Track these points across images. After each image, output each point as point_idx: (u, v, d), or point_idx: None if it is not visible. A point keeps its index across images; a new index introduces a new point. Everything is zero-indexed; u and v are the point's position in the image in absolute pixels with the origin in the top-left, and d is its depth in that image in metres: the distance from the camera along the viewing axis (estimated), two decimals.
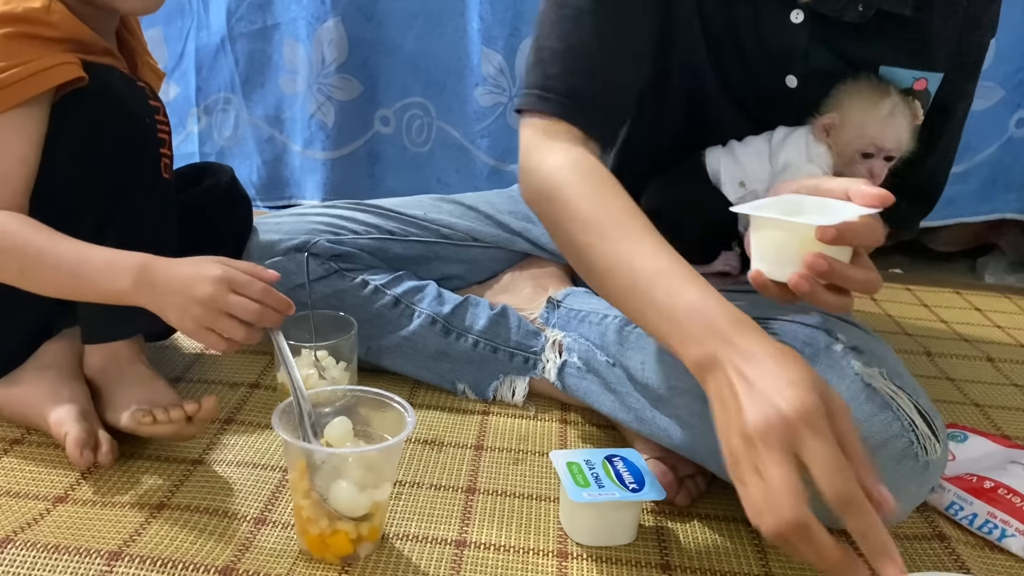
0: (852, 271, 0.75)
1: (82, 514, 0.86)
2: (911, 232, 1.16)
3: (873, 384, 0.83)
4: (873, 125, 0.98)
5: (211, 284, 0.82)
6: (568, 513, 0.89)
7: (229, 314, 0.82)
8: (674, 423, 0.94)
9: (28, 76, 0.90)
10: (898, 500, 0.79)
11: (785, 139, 1.04)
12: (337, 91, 1.91)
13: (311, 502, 0.80)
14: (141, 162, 0.98)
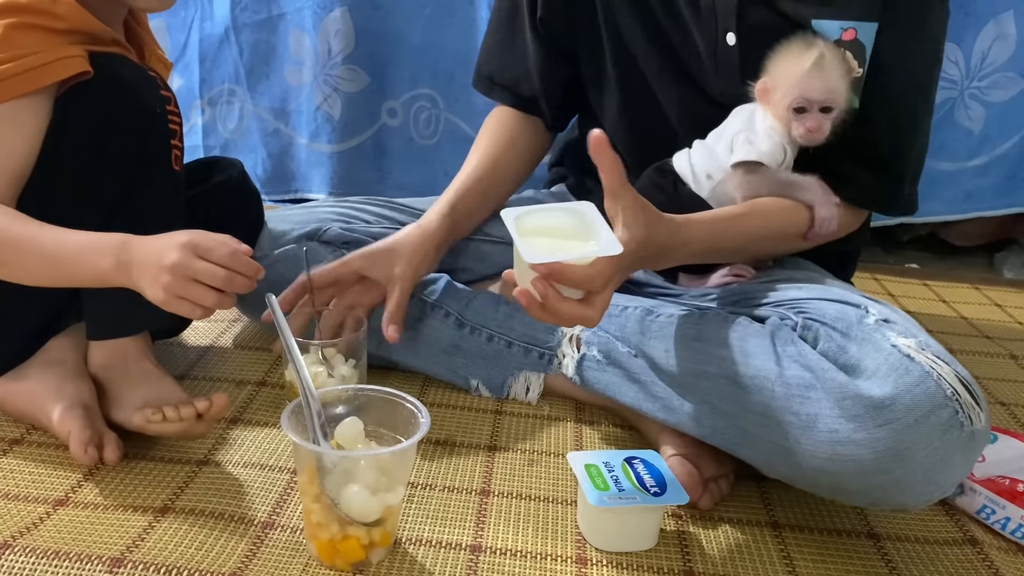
0: (561, 305, 0.79)
1: (83, 518, 0.83)
2: (893, 212, 1.10)
3: (912, 355, 0.80)
4: (798, 77, 0.98)
5: (176, 250, 0.81)
6: (587, 518, 0.86)
7: (198, 280, 0.81)
8: (704, 409, 0.91)
9: (28, 70, 0.87)
10: (945, 473, 0.77)
11: (735, 114, 1.04)
12: (344, 82, 1.88)
13: (321, 506, 0.77)
14: (151, 154, 0.95)
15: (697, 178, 1.06)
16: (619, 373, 1.01)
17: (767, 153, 1.00)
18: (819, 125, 0.98)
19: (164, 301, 0.82)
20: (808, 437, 0.80)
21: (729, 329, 0.89)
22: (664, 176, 1.08)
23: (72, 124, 0.91)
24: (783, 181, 1.02)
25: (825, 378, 0.80)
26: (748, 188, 1.02)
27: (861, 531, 0.92)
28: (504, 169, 1.21)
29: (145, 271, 0.82)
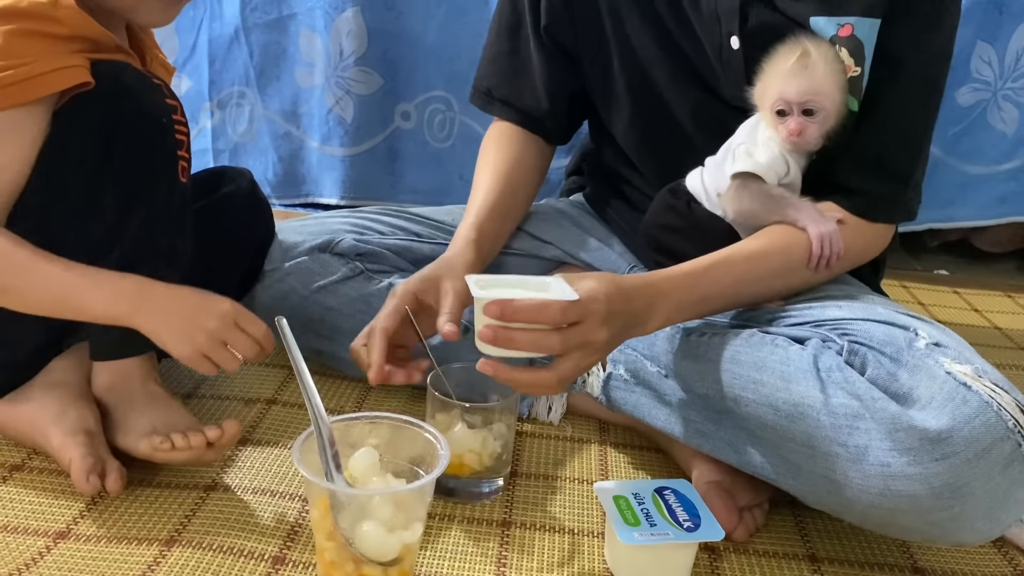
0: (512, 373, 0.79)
1: (84, 552, 0.78)
2: (895, 218, 1.01)
3: (968, 383, 0.75)
4: (777, 79, 0.93)
5: (219, 317, 0.85)
6: (616, 554, 0.81)
7: (226, 346, 0.85)
8: (741, 436, 0.86)
9: (26, 79, 0.82)
10: (1006, 509, 0.72)
11: (743, 126, 0.99)
12: (356, 84, 1.83)
13: (335, 544, 0.72)
14: (157, 165, 0.91)
15: (710, 197, 1.01)
16: (648, 394, 0.96)
17: (765, 165, 0.94)
18: (800, 128, 0.92)
19: (188, 356, 0.84)
20: (857, 470, 0.75)
21: (768, 351, 0.84)
22: (677, 197, 1.04)
23: (74, 136, 0.86)
24: (775, 197, 0.95)
25: (875, 408, 0.75)
26: (738, 203, 0.97)
27: (904, 565, 0.87)
28: (516, 190, 1.16)
29: (176, 324, 0.84)
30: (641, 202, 1.15)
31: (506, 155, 1.16)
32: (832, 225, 0.94)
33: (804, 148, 0.95)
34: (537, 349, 0.77)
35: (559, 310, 0.76)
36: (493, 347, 0.77)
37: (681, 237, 1.03)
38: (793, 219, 0.95)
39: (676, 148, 1.08)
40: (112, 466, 0.86)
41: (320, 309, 1.09)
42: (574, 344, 0.77)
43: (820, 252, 0.93)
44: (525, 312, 0.75)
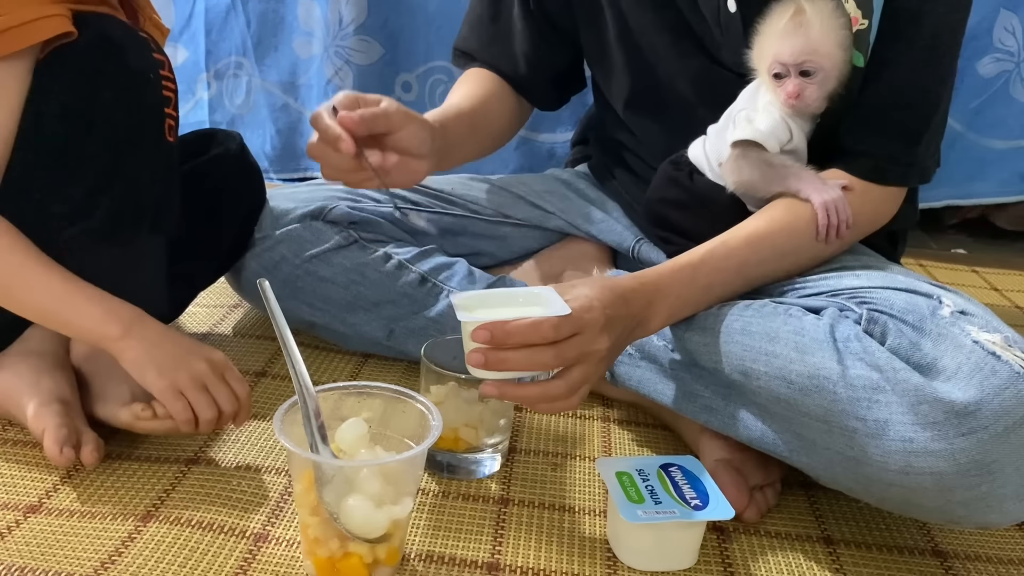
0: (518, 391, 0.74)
1: (56, 527, 0.74)
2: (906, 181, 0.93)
3: (997, 352, 0.70)
4: (771, 40, 0.88)
5: (208, 363, 0.82)
6: (619, 533, 0.77)
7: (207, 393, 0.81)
8: (752, 411, 0.81)
9: (5, 30, 0.78)
10: None
11: (744, 92, 0.94)
12: (356, 54, 1.78)
13: (319, 520, 0.68)
14: (142, 122, 0.86)
15: (712, 167, 0.96)
16: (654, 369, 0.91)
17: (765, 132, 0.89)
18: (798, 90, 0.87)
19: (163, 389, 0.80)
20: (877, 446, 0.70)
21: (781, 321, 0.79)
22: (679, 169, 0.99)
23: (55, 89, 0.82)
24: (775, 166, 0.90)
25: (897, 379, 0.70)
26: (737, 173, 0.92)
27: (925, 548, 0.82)
28: (487, 116, 1.10)
29: (157, 357, 0.80)
30: (645, 173, 1.10)
31: (481, 85, 1.11)
32: (837, 192, 0.88)
33: (805, 111, 0.90)
34: (532, 368, 0.72)
35: (552, 328, 0.71)
36: (485, 371, 0.72)
37: (684, 211, 0.99)
38: (795, 189, 0.89)
39: (678, 117, 1.03)
40: (88, 437, 0.82)
41: (312, 279, 1.05)
42: (572, 356, 0.73)
43: (827, 221, 0.87)
44: (517, 335, 0.71)
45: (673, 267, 0.84)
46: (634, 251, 1.12)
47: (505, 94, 1.14)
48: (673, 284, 0.82)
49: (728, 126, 0.95)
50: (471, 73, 1.16)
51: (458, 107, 1.05)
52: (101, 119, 0.83)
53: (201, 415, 0.80)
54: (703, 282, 0.84)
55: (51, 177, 0.83)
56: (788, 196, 0.90)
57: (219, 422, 0.82)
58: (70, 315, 0.81)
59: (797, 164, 0.91)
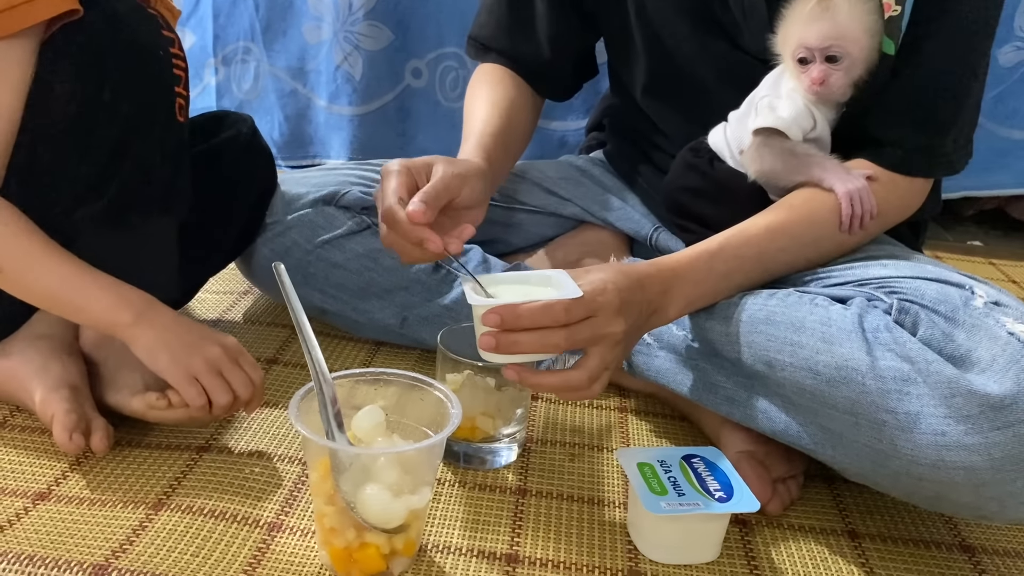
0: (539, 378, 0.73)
1: (66, 515, 0.73)
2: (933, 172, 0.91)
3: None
4: (797, 24, 0.86)
5: (221, 348, 0.80)
6: (641, 525, 0.75)
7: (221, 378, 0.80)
8: (775, 403, 0.79)
9: (7, 8, 0.76)
10: None
11: (767, 78, 0.92)
12: (365, 40, 1.76)
13: (336, 509, 0.66)
14: (152, 102, 0.84)
15: (733, 155, 0.94)
16: (673, 359, 0.89)
17: (788, 119, 0.87)
18: (823, 76, 0.85)
19: (178, 376, 0.78)
20: (908, 440, 0.68)
21: (806, 311, 0.77)
22: (699, 156, 0.97)
23: (61, 69, 0.80)
24: (798, 155, 0.88)
25: (929, 371, 0.68)
26: (759, 162, 0.90)
27: (952, 543, 0.80)
28: (515, 127, 1.06)
29: (171, 343, 0.79)
30: (663, 161, 1.08)
31: (503, 93, 1.07)
32: (861, 181, 0.86)
33: (830, 98, 0.88)
34: (542, 350, 0.70)
35: (563, 310, 0.69)
36: (497, 355, 0.71)
37: (704, 199, 0.97)
38: (818, 178, 0.87)
39: (697, 104, 1.01)
40: (98, 424, 0.80)
41: (324, 265, 1.03)
42: (585, 339, 0.71)
43: (851, 211, 0.85)
44: (528, 318, 0.69)
45: (691, 254, 0.82)
46: (652, 239, 1.10)
47: (524, 97, 1.10)
48: (691, 271, 0.80)
49: (750, 113, 0.93)
50: (486, 75, 1.11)
51: (493, 130, 1.01)
52: (110, 99, 0.81)
53: (216, 400, 0.78)
54: (721, 270, 0.82)
55: (58, 159, 0.81)
56: (811, 185, 0.88)
57: (233, 407, 0.80)
58: (80, 302, 0.80)
59: (820, 153, 0.89)
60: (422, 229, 0.77)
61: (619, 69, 1.12)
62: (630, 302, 0.74)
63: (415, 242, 0.78)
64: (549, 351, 0.71)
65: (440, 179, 0.82)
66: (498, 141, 0.99)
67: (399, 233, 0.80)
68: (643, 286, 0.76)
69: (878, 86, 0.87)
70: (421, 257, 0.82)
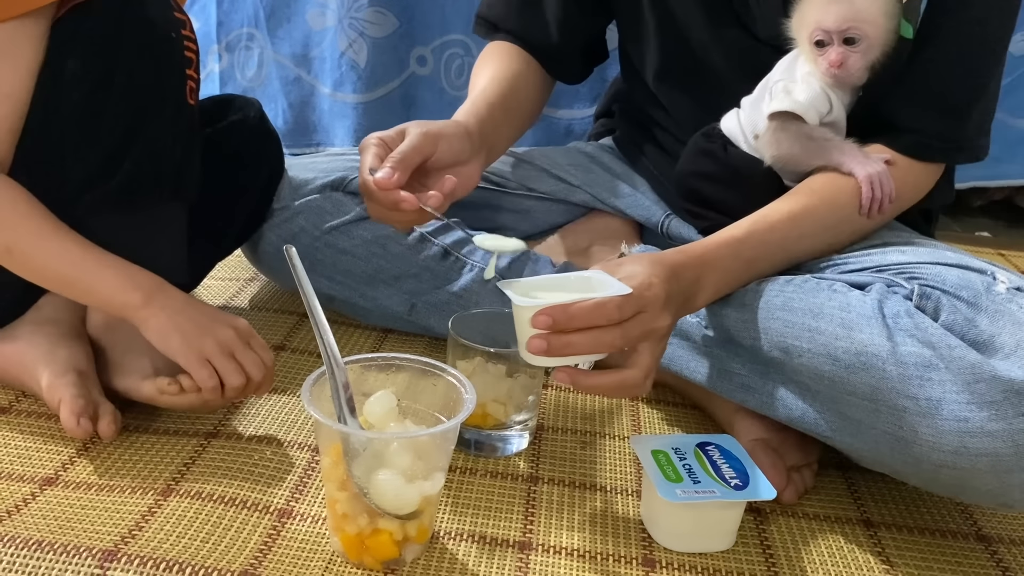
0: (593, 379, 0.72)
1: (74, 500, 0.72)
2: (958, 160, 0.92)
3: None
4: (814, 6, 0.85)
5: (233, 329, 0.80)
6: (655, 513, 0.74)
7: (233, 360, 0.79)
8: (792, 390, 0.78)
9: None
10: None
11: (780, 63, 0.91)
12: (370, 27, 1.74)
13: (348, 495, 0.66)
14: (163, 83, 0.83)
15: (747, 140, 0.93)
16: (686, 346, 0.88)
17: (805, 103, 0.86)
18: (841, 59, 0.84)
19: (190, 359, 0.78)
20: (929, 426, 0.67)
21: (825, 297, 0.76)
22: (712, 141, 0.96)
23: (71, 50, 0.78)
24: (816, 139, 0.87)
25: (951, 356, 0.67)
26: (776, 147, 0.89)
27: (968, 532, 0.79)
28: (518, 99, 1.05)
29: (183, 324, 0.78)
30: (674, 148, 1.06)
31: (507, 65, 1.06)
32: (880, 165, 0.85)
33: (847, 82, 0.87)
34: (597, 351, 0.69)
35: (616, 308, 0.69)
36: (546, 358, 0.70)
37: (717, 185, 0.96)
38: (837, 162, 0.86)
39: (710, 90, 1.00)
40: (106, 409, 0.79)
41: (332, 251, 1.02)
42: (636, 335, 0.70)
43: (871, 195, 0.85)
44: (581, 318, 0.68)
45: (718, 241, 0.81)
46: (663, 227, 1.09)
47: (532, 72, 1.09)
48: (719, 258, 0.79)
49: (764, 97, 0.91)
50: (494, 49, 1.10)
51: (489, 96, 0.99)
52: (121, 79, 0.80)
53: (228, 382, 0.78)
54: (747, 256, 0.81)
55: (69, 140, 0.80)
56: (829, 170, 0.87)
57: (246, 390, 0.79)
58: (90, 283, 0.79)
59: (838, 137, 0.88)
60: (394, 192, 0.77)
61: (630, 53, 1.11)
62: (672, 293, 0.73)
63: (391, 207, 0.79)
64: (603, 351, 0.70)
65: (408, 141, 0.82)
66: (494, 108, 0.97)
67: (377, 202, 0.80)
68: (678, 276, 0.75)
69: (895, 70, 0.86)
70: (409, 220, 0.83)
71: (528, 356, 0.70)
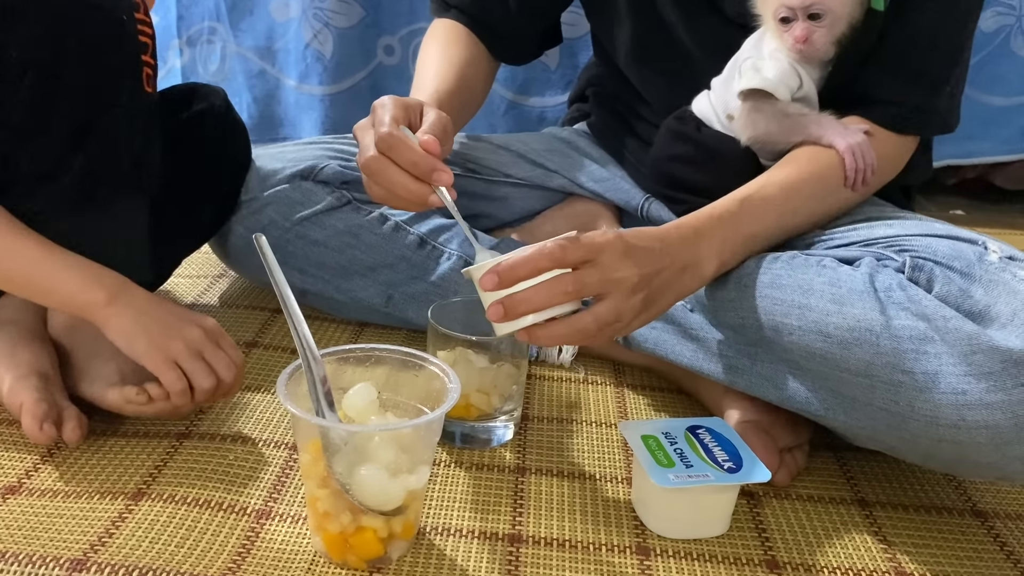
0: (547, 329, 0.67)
1: (39, 508, 0.68)
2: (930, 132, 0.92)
3: None
4: None
5: (201, 329, 0.76)
6: (647, 499, 0.72)
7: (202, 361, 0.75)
8: (782, 369, 0.76)
9: None
10: None
11: (747, 41, 0.90)
12: (335, 17, 1.70)
13: (329, 492, 0.63)
14: (116, 71, 0.79)
15: (720, 120, 0.91)
16: (671, 330, 0.86)
17: (774, 80, 0.85)
18: (807, 34, 0.83)
19: (156, 361, 0.74)
20: (926, 400, 0.65)
21: (813, 273, 0.75)
22: (684, 123, 0.94)
23: (15, 37, 0.74)
24: (791, 115, 0.86)
25: (947, 328, 0.65)
26: (752, 128, 0.88)
27: (963, 508, 0.78)
28: (472, 90, 1.02)
29: (148, 325, 0.74)
30: (647, 132, 1.05)
31: (458, 51, 1.02)
32: (860, 135, 0.84)
33: (813, 57, 0.85)
34: (553, 301, 0.65)
35: (558, 248, 0.65)
36: (508, 322, 0.66)
37: (693, 167, 0.94)
38: (817, 136, 0.85)
39: (681, 71, 0.98)
40: (70, 413, 0.76)
41: (304, 243, 0.98)
42: (594, 282, 0.66)
43: (855, 165, 0.83)
44: (523, 265, 0.65)
45: (711, 213, 0.78)
46: (643, 210, 1.07)
47: (480, 57, 1.05)
48: (716, 229, 0.76)
49: (734, 76, 0.90)
50: (441, 31, 1.05)
51: (449, 89, 0.95)
52: (69, 67, 0.75)
53: (198, 384, 0.74)
54: (746, 231, 0.78)
55: (18, 134, 0.76)
56: (809, 144, 0.85)
57: (216, 392, 0.76)
58: (50, 282, 0.75)
59: (814, 111, 0.87)
60: (433, 159, 0.74)
61: (601, 36, 1.09)
62: (641, 248, 0.69)
63: (422, 174, 0.74)
64: (560, 300, 0.65)
65: (439, 118, 0.79)
66: (453, 101, 0.94)
67: (403, 162, 0.75)
68: (662, 239, 0.72)
69: (865, 43, 0.84)
70: (411, 192, 0.76)
71: (496, 327, 0.68)
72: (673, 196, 0.99)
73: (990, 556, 0.72)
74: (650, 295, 0.70)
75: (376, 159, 0.76)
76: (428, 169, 0.74)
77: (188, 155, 0.94)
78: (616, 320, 0.68)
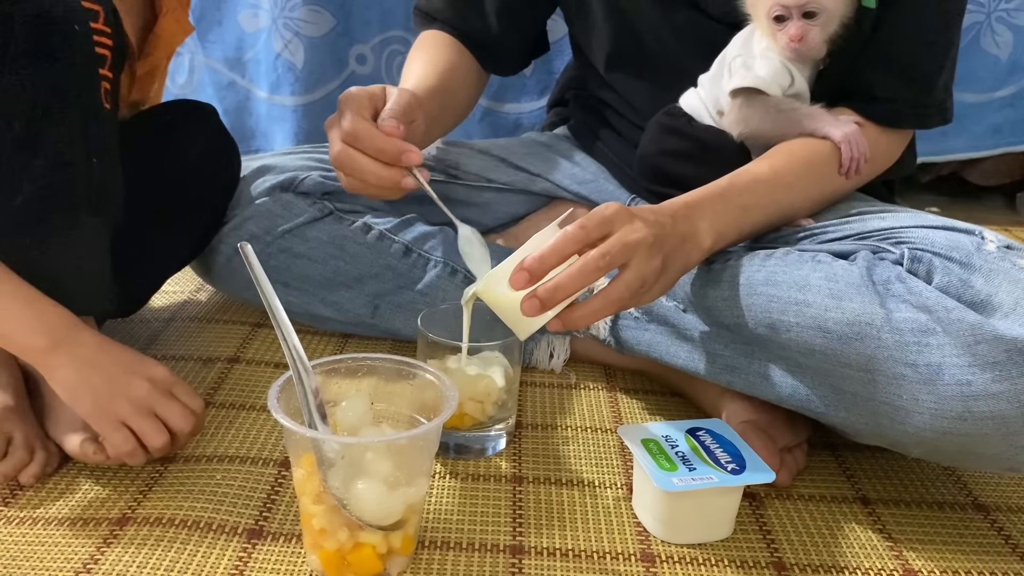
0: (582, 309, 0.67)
1: (19, 538, 0.65)
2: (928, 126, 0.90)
3: None
4: None
5: (151, 382, 0.71)
6: (650, 504, 0.70)
7: (153, 418, 0.70)
8: (780, 367, 0.75)
9: None
10: None
11: (735, 39, 0.90)
12: (306, 26, 1.68)
13: (325, 508, 0.60)
14: (66, 86, 0.70)
15: (711, 114, 0.91)
16: (665, 331, 0.85)
17: (767, 78, 0.85)
18: (801, 33, 0.82)
19: (99, 421, 0.69)
20: (930, 392, 0.65)
21: (809, 268, 0.74)
22: (675, 118, 0.93)
23: None
24: (784, 111, 0.86)
25: (949, 319, 0.65)
26: (744, 124, 0.87)
27: (965, 503, 0.77)
28: (454, 93, 1.01)
29: (93, 380, 0.69)
30: (630, 133, 1.04)
31: (442, 56, 1.01)
32: (852, 125, 0.85)
33: (807, 56, 0.85)
34: (585, 277, 0.65)
35: (579, 228, 0.66)
36: (543, 314, 0.65)
37: (685, 161, 0.93)
38: (811, 129, 0.85)
39: (663, 72, 0.97)
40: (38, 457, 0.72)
41: (287, 257, 0.96)
42: (618, 251, 0.66)
43: (850, 154, 0.84)
44: (551, 255, 0.65)
45: (700, 191, 0.78)
46: None
47: (467, 64, 1.05)
48: (708, 204, 0.76)
49: (723, 73, 0.89)
50: (428, 39, 1.05)
51: (428, 87, 0.94)
52: (12, 81, 0.67)
53: (150, 443, 0.70)
54: (738, 202, 0.78)
55: None
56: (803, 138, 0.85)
57: (174, 445, 0.72)
58: None
59: (806, 105, 0.87)
60: (399, 142, 0.76)
61: (580, 41, 1.08)
62: (643, 212, 0.70)
63: (391, 159, 0.77)
64: (593, 277, 0.65)
65: (400, 97, 0.81)
66: (433, 98, 0.93)
67: (370, 151, 0.77)
68: (656, 211, 0.72)
69: (856, 41, 0.84)
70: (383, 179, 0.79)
71: (525, 329, 0.67)
72: (662, 192, 0.97)
73: (995, 549, 0.71)
74: (665, 259, 0.69)
75: (343, 151, 0.79)
76: (395, 153, 0.76)
77: (177, 175, 0.91)
78: (641, 284, 0.67)
